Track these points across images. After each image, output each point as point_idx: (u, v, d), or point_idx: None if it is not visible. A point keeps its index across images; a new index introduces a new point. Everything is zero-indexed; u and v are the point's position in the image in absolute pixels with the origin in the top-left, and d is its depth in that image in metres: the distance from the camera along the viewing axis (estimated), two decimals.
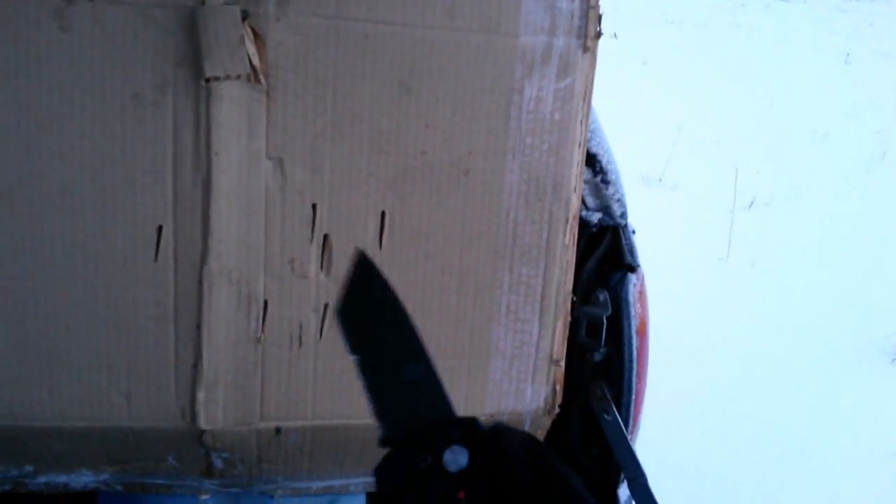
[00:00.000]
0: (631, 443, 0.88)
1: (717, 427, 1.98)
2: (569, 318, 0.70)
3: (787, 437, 2.03)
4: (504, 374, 0.69)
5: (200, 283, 0.61)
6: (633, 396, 0.89)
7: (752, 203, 3.68)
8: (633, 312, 0.86)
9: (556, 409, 0.72)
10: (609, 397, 0.88)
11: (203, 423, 0.63)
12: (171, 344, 0.62)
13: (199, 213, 0.60)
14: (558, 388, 0.71)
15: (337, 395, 0.66)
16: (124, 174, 0.60)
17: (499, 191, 0.65)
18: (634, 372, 0.87)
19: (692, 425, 1.93)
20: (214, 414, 0.63)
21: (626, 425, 0.88)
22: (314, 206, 0.62)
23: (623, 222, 0.85)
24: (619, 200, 0.85)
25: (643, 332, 0.89)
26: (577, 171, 0.66)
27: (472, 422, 0.33)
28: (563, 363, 0.70)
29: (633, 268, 0.87)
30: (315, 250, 0.63)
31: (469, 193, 0.64)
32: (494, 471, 0.30)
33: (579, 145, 0.65)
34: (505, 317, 0.67)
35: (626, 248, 0.86)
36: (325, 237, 0.63)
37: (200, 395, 0.63)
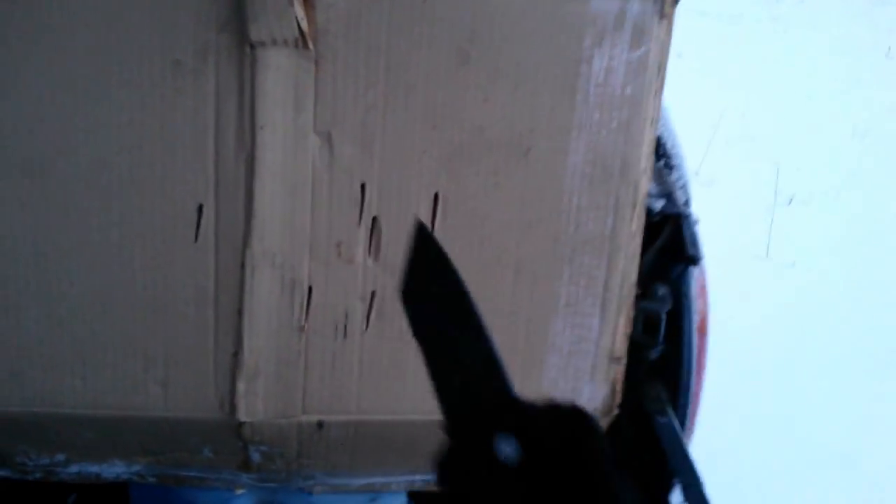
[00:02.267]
0: (686, 446, 0.82)
1: (755, 426, 1.90)
2: (632, 313, 0.65)
3: (829, 439, 1.94)
4: (560, 372, 0.64)
5: (242, 266, 0.57)
6: (691, 398, 0.83)
7: (791, 200, 3.56)
8: (694, 308, 0.80)
9: (615, 410, 0.66)
10: (665, 399, 0.83)
11: (242, 415, 0.59)
12: (210, 330, 0.59)
13: (241, 191, 0.56)
14: (618, 387, 0.66)
15: (383, 389, 0.61)
16: (163, 148, 0.56)
17: (561, 172, 0.60)
18: (693, 372, 0.82)
19: (729, 425, 1.86)
20: (254, 405, 0.60)
21: (682, 428, 0.83)
22: (363, 186, 0.58)
23: (687, 211, 0.79)
24: (683, 187, 0.79)
25: (703, 330, 0.83)
26: (647, 151, 0.60)
27: (521, 403, 0.29)
28: (624, 361, 0.65)
29: (695, 260, 0.81)
30: (363, 233, 0.59)
31: (529, 174, 0.59)
32: (549, 462, 0.25)
33: (651, 123, 0.60)
34: (564, 309, 0.62)
35: (688, 238, 0.80)
36: (374, 220, 0.59)
37: (240, 386, 0.59)
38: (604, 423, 0.67)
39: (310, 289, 0.59)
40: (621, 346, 0.65)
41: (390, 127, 0.57)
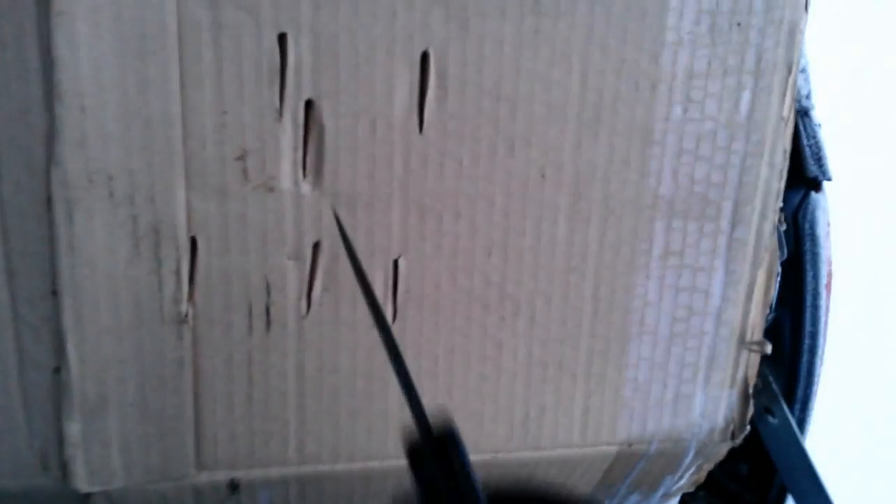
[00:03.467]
0: (809, 456, 0.56)
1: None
2: (778, 264, 0.38)
3: None
4: (655, 370, 0.37)
5: (49, 202, 0.29)
6: (815, 387, 0.57)
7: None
8: (822, 255, 0.53)
9: (747, 430, 0.40)
10: (776, 390, 0.56)
11: (82, 482, 0.32)
12: (5, 328, 0.31)
13: (31, 46, 0.28)
14: (751, 390, 0.39)
15: (342, 418, 0.34)
16: None
17: (658, 5, 0.32)
18: (820, 348, 0.55)
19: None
20: (103, 462, 0.32)
21: (802, 429, 0.57)
22: (282, 39, 0.30)
23: (808, 105, 0.52)
24: (802, 71, 0.51)
25: (829, 287, 0.57)
26: None
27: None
28: (767, 347, 0.38)
29: (818, 183, 0.54)
30: (289, 132, 0.31)
31: (597, 9, 0.32)
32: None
33: None
34: (659, 262, 0.35)
35: (809, 150, 0.53)
36: (309, 105, 0.31)
37: (72, 429, 0.32)
38: (723, 450, 0.40)
39: (193, 242, 0.31)
40: (759, 322, 0.38)
41: None
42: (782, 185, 0.36)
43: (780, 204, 0.37)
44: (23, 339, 0.31)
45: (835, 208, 0.60)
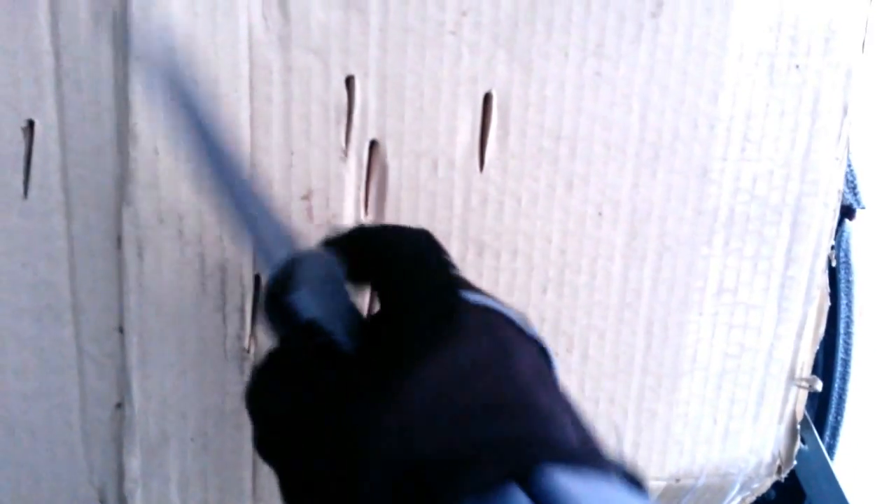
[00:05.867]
0: (840, 485, 0.56)
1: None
2: (828, 301, 0.38)
3: None
4: (705, 406, 0.37)
5: (119, 241, 0.30)
6: (845, 413, 0.57)
7: None
8: (854, 281, 0.53)
9: (793, 464, 0.40)
10: (807, 416, 0.56)
11: None
12: (70, 363, 0.31)
13: (108, 91, 0.28)
14: (799, 426, 0.39)
15: None
16: None
17: (720, 42, 0.32)
18: (850, 375, 0.56)
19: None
20: (161, 497, 0.32)
21: (831, 455, 0.57)
22: (349, 82, 0.30)
23: None
24: None
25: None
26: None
27: None
28: (817, 384, 0.38)
29: (852, 211, 0.54)
30: (353, 171, 0.31)
31: (657, 53, 0.32)
32: None
33: None
34: (713, 300, 0.35)
35: (844, 179, 0.53)
36: (373, 145, 0.31)
37: (132, 465, 0.32)
38: (768, 483, 0.40)
39: (257, 280, 0.31)
40: (808, 359, 0.38)
41: None
42: (835, 224, 0.36)
43: (833, 242, 0.37)
44: (87, 375, 0.31)
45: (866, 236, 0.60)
